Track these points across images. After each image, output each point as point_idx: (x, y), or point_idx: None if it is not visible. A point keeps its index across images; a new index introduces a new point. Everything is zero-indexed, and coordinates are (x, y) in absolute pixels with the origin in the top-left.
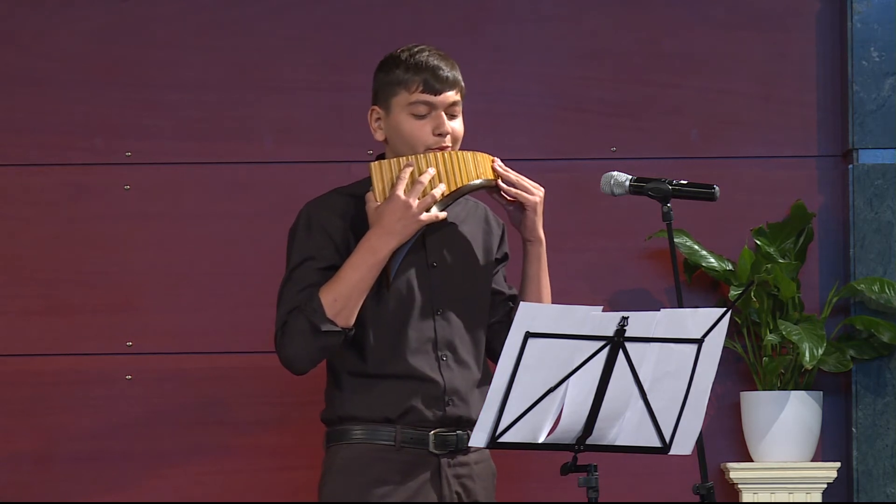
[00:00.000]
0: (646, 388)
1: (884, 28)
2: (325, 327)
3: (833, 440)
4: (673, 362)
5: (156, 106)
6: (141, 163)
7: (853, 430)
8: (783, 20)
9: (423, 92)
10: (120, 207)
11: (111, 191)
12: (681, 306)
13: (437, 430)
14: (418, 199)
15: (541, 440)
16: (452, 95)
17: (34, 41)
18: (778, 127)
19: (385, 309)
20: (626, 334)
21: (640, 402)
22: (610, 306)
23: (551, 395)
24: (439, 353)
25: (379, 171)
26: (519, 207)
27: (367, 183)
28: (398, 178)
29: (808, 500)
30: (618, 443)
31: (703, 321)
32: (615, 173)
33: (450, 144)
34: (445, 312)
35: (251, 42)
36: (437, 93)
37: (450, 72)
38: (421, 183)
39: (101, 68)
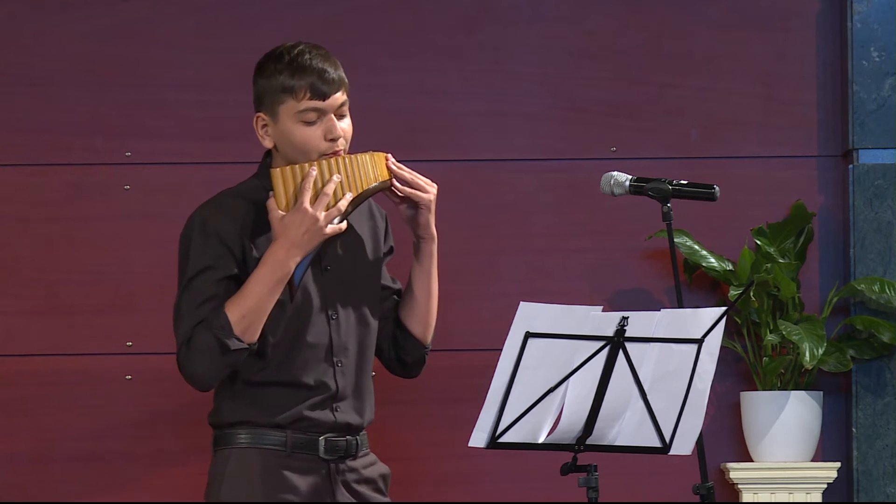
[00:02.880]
0: (646, 388)
1: (884, 28)
2: (234, 346)
3: (833, 440)
4: (673, 362)
5: (156, 106)
6: (141, 163)
7: (853, 430)
8: (783, 20)
9: (311, 99)
10: (120, 207)
11: (111, 191)
12: (681, 306)
13: (327, 434)
14: (324, 210)
15: (541, 440)
16: (340, 96)
17: (34, 41)
18: (778, 127)
19: (283, 318)
20: (626, 334)
21: (640, 402)
22: (610, 306)
23: (551, 395)
24: (335, 360)
25: (281, 179)
26: (412, 205)
27: (255, 184)
28: (302, 187)
29: (808, 500)
30: (618, 443)
31: (703, 321)
32: (615, 173)
33: (342, 147)
34: (340, 316)
35: (251, 42)
36: (325, 97)
37: (335, 72)
38: (326, 195)
39: (101, 68)
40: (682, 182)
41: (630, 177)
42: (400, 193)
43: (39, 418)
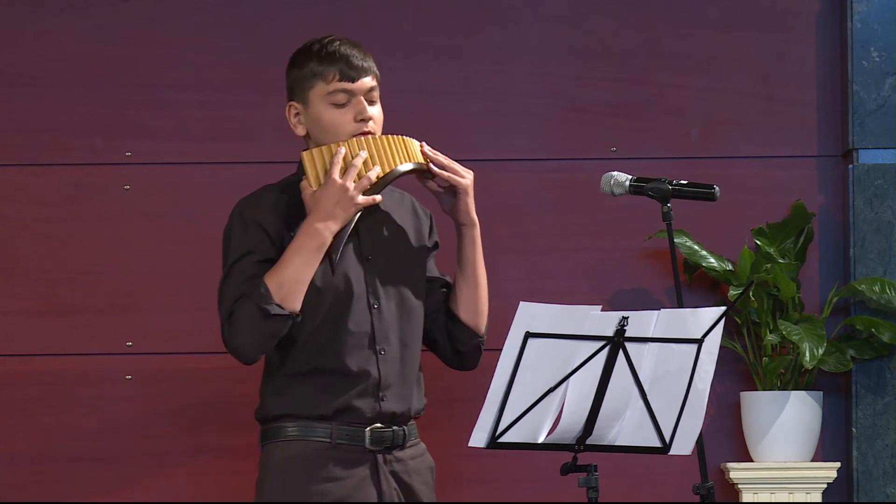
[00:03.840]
0: (646, 388)
1: (884, 28)
2: (274, 311)
3: (833, 440)
4: (673, 362)
5: (156, 106)
6: (141, 163)
7: (853, 430)
8: (783, 20)
9: (340, 80)
10: (120, 207)
11: (111, 191)
12: (681, 306)
13: (373, 426)
14: (354, 181)
15: (541, 440)
16: (369, 81)
17: (34, 41)
18: (778, 127)
19: (322, 305)
20: (626, 334)
21: (640, 402)
22: (610, 306)
23: (551, 395)
24: (377, 348)
25: (311, 159)
26: (451, 192)
27: (296, 177)
28: (332, 162)
29: (808, 500)
30: (618, 443)
31: (703, 321)
32: (615, 173)
33: (372, 129)
34: (382, 305)
35: (251, 42)
36: (354, 79)
37: (363, 59)
38: (355, 166)
39: (101, 68)
40: (682, 182)
41: (630, 177)
42: (440, 184)
43: (40, 418)
